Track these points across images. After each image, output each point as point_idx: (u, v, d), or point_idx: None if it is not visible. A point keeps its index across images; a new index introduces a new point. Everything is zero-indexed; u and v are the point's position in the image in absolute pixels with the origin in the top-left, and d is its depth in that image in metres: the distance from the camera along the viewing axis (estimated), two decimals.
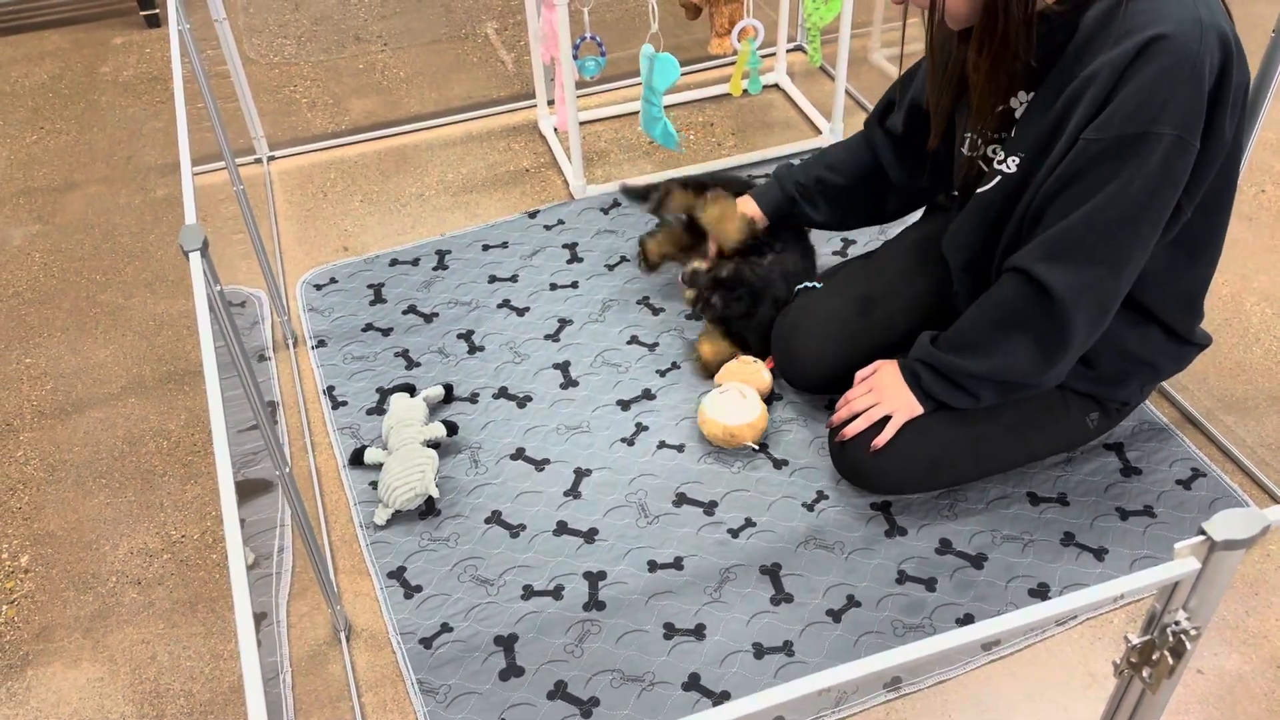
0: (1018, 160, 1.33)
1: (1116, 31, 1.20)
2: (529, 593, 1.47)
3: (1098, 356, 1.44)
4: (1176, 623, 0.73)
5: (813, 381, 1.67)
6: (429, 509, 1.59)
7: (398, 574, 1.51)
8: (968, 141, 1.44)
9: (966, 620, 1.41)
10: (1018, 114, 1.35)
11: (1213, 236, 1.38)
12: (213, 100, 1.60)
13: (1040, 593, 1.43)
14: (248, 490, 1.65)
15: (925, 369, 1.44)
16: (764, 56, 2.55)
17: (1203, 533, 0.69)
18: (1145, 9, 1.19)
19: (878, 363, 1.52)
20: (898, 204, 1.75)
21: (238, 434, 1.72)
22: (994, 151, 1.40)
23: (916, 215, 1.82)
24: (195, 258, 0.99)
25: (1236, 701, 1.32)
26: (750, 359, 1.71)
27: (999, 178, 1.36)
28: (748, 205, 1.77)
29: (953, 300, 1.55)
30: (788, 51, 2.54)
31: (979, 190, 1.40)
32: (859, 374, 1.54)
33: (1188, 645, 0.72)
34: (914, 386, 1.46)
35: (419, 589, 1.48)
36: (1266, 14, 1.37)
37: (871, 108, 2.40)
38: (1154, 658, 0.74)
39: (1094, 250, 1.27)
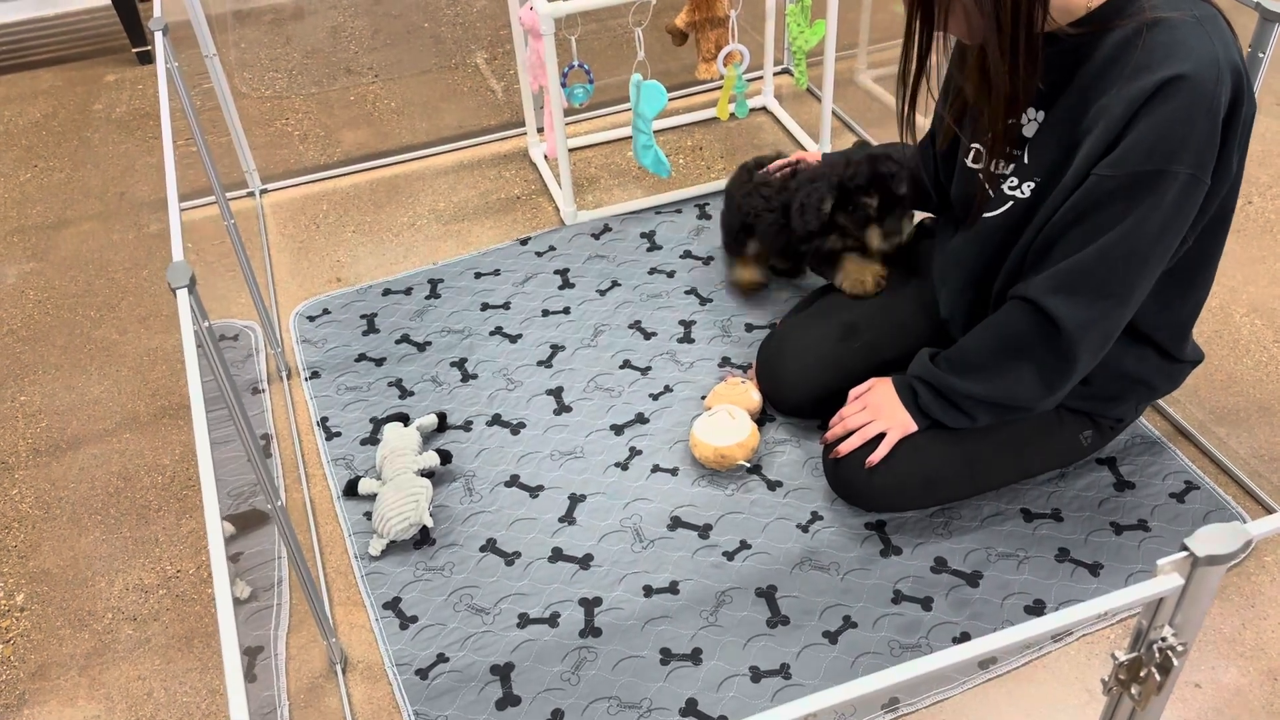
0: (1033, 186, 1.33)
1: (1134, 64, 1.19)
2: (525, 621, 1.47)
3: (1093, 376, 1.44)
4: (1163, 639, 0.73)
5: (797, 407, 1.68)
6: (423, 538, 1.59)
7: (393, 605, 1.50)
8: (972, 153, 1.44)
9: (963, 639, 1.40)
10: (1026, 131, 1.34)
11: (1209, 263, 1.38)
12: (201, 136, 1.62)
13: (1036, 609, 1.43)
14: (246, 523, 1.65)
15: (924, 387, 1.45)
16: (751, 80, 2.57)
17: (1185, 548, 0.70)
18: (1164, 42, 1.17)
19: (872, 380, 1.53)
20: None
21: (235, 466, 1.72)
22: (997, 166, 1.39)
23: None
24: (183, 295, 1.00)
25: (1235, 715, 1.32)
26: (738, 379, 1.72)
27: (1010, 203, 1.36)
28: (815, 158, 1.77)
29: (944, 325, 1.55)
30: (775, 74, 2.56)
31: (987, 215, 1.40)
32: (853, 391, 1.54)
33: (1174, 661, 0.73)
34: (910, 404, 1.47)
35: (414, 619, 1.48)
36: (1249, 24, 1.39)
37: (858, 128, 2.44)
38: (1141, 674, 0.74)
39: (1104, 285, 1.27)
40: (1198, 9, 1.19)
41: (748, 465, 1.64)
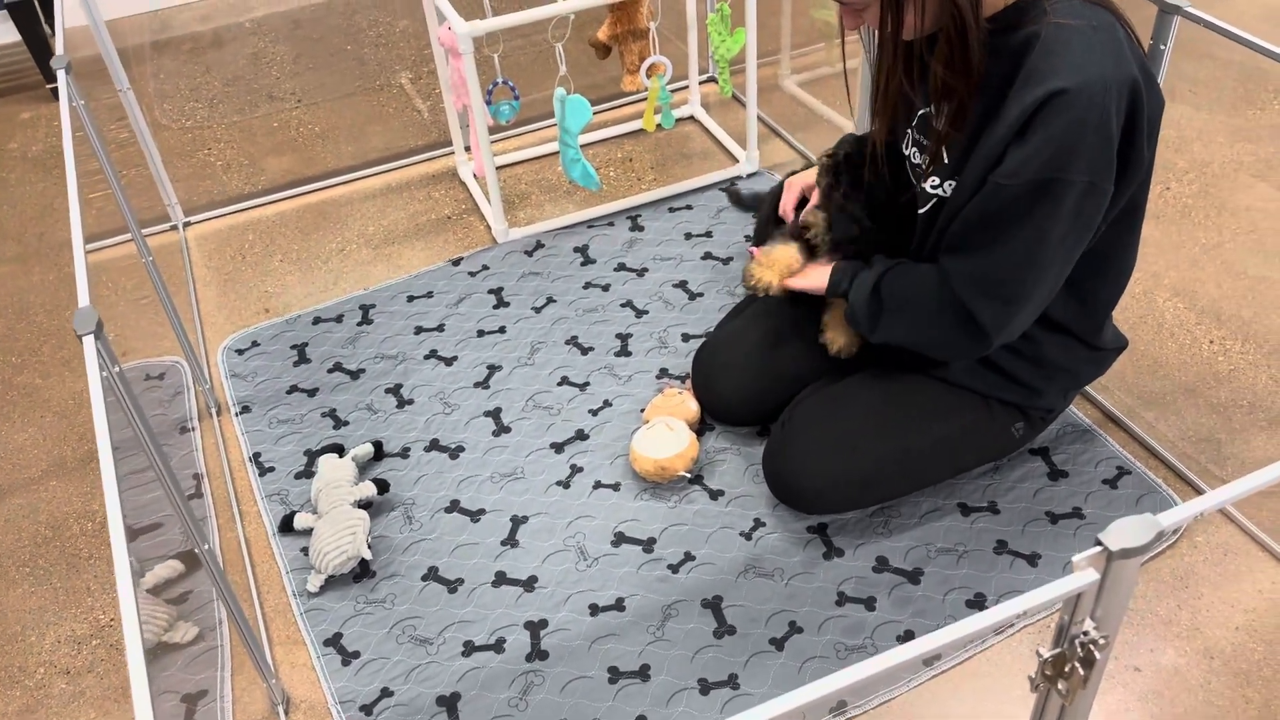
0: (953, 185, 1.35)
1: (1028, 69, 1.21)
2: (470, 648, 1.45)
3: (1019, 369, 1.46)
4: (1085, 633, 0.73)
5: (735, 415, 1.69)
6: (363, 571, 1.56)
7: (334, 641, 1.48)
8: (909, 139, 1.44)
9: (907, 637, 1.41)
10: (939, 125, 1.35)
11: (1121, 254, 1.40)
12: (113, 173, 1.58)
13: (977, 603, 1.45)
14: (192, 562, 1.61)
15: (854, 306, 1.47)
16: (677, 90, 2.58)
17: (1099, 543, 0.70)
18: (1058, 51, 1.19)
19: (818, 275, 1.53)
20: None
21: (176, 505, 1.68)
22: (915, 155, 1.41)
23: None
24: (89, 341, 0.97)
25: (1175, 696, 1.34)
26: (675, 390, 1.72)
27: (934, 200, 1.38)
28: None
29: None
30: (700, 83, 2.57)
31: (920, 211, 1.42)
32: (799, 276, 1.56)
33: (1097, 655, 0.73)
34: (837, 294, 1.50)
35: (356, 654, 1.46)
36: (1150, 17, 1.41)
37: (784, 132, 2.46)
38: (1066, 670, 0.75)
39: (1017, 291, 1.31)
40: (1096, 17, 1.21)
41: (688, 476, 1.64)
